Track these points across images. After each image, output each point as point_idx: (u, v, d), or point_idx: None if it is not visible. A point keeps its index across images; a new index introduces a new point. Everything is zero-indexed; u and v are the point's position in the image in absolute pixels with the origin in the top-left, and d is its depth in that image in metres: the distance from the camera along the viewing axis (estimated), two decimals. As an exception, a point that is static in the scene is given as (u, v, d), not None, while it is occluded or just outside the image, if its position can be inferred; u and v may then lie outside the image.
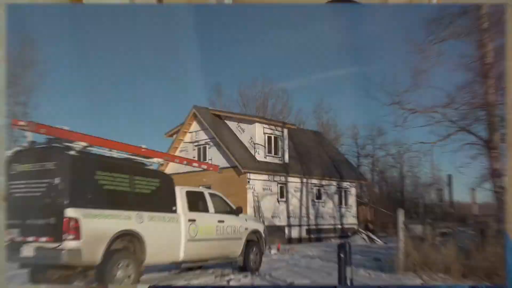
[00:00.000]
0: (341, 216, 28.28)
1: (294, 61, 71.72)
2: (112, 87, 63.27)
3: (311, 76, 72.92)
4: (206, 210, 11.08)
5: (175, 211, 10.00)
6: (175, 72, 69.68)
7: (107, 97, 64.24)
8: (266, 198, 23.38)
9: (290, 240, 24.23)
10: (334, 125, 49.14)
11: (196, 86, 69.51)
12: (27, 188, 8.12)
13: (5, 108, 8.22)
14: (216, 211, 11.30)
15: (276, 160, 24.50)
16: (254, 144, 23.61)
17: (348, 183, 29.02)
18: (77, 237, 7.70)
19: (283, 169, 24.47)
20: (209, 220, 10.89)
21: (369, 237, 23.77)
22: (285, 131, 25.30)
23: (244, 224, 12.03)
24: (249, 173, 22.62)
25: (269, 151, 24.27)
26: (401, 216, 11.67)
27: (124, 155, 9.61)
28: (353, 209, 29.36)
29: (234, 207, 11.95)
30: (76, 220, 7.72)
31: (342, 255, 7.52)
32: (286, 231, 24.33)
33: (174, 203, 10.03)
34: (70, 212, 7.74)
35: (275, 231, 23.46)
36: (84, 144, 8.59)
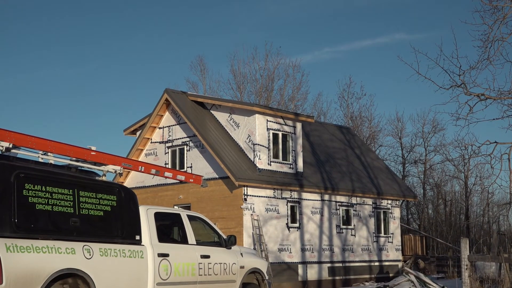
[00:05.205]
0: (379, 248, 28.28)
1: (312, 25, 71.90)
2: (47, 64, 63.35)
3: (335, 47, 73.16)
4: (184, 240, 11.09)
5: (139, 242, 10.00)
6: (140, 40, 69.84)
7: (43, 78, 64.42)
8: (271, 223, 23.38)
9: (305, 284, 24.24)
10: (368, 118, 49.32)
11: (170, 60, 69.60)
12: None
13: None
14: (199, 242, 11.31)
15: (285, 168, 24.52)
16: (254, 144, 23.61)
17: (389, 202, 29.01)
18: (-3, 279, 7.68)
19: (295, 181, 24.49)
20: (188, 255, 10.89)
21: (419, 279, 23.76)
22: (299, 125, 25.31)
23: (238, 260, 12.04)
24: (246, 186, 22.63)
25: (275, 155, 24.27)
26: (465, 249, 11.64)
27: (65, 161, 9.57)
28: (397, 239, 29.36)
29: (224, 236, 11.96)
30: (-4, 256, 7.70)
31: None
32: (300, 270, 24.34)
33: (137, 230, 10.02)
34: (-14, 244, 7.71)
35: (284, 270, 23.43)
36: (6, 144, 8.56)
